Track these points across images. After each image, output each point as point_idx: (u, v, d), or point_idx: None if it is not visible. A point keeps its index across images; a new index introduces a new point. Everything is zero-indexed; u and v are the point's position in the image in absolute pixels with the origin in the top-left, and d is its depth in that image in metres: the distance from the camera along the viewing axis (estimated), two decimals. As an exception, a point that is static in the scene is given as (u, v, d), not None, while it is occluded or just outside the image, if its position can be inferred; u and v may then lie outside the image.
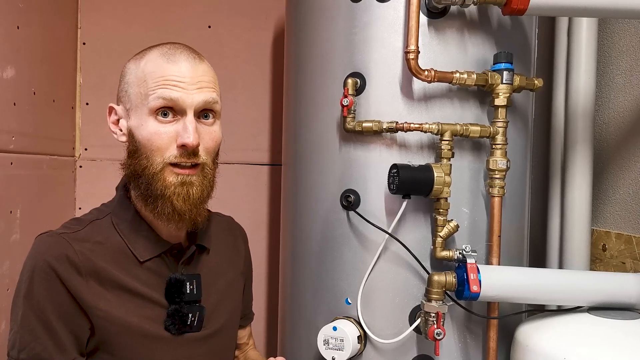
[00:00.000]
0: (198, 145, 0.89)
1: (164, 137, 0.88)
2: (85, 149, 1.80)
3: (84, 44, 1.79)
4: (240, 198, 1.85)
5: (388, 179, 1.07)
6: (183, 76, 0.89)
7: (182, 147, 0.88)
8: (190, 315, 0.95)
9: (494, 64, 1.09)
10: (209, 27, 1.83)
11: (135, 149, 0.90)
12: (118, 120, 0.95)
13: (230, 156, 1.81)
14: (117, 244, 0.93)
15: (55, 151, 1.67)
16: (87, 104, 1.79)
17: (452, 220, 1.07)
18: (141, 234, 0.94)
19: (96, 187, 1.76)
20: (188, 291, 0.95)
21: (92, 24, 1.79)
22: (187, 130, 0.87)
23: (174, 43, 0.94)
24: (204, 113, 0.92)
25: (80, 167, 1.80)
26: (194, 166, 0.90)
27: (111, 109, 0.96)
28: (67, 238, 0.89)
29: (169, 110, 0.89)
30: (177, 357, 0.96)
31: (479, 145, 1.12)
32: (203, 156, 0.91)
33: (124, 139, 0.94)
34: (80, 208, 1.78)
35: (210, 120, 0.93)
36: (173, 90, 0.88)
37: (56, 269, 0.86)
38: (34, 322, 0.86)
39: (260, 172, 1.89)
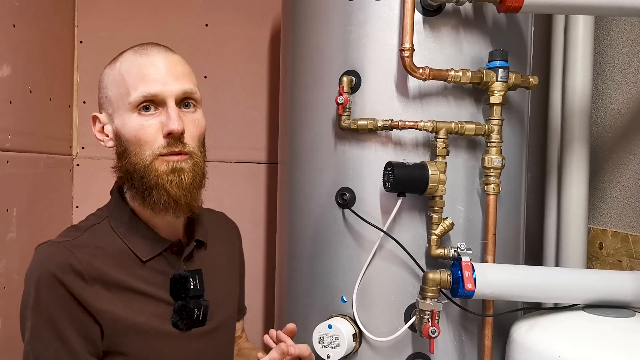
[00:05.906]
0: (183, 132, 0.91)
1: (149, 130, 0.90)
2: (83, 148, 1.80)
3: (80, 42, 1.79)
4: (237, 196, 1.84)
5: (383, 177, 1.07)
6: (159, 68, 0.91)
7: (169, 135, 0.90)
8: (196, 310, 0.97)
9: (489, 62, 1.09)
10: (206, 25, 1.83)
11: (124, 149, 0.92)
12: (103, 128, 0.96)
13: (227, 154, 1.82)
14: (118, 247, 0.94)
15: (52, 150, 1.66)
16: (84, 102, 1.79)
17: (447, 218, 1.07)
18: (140, 234, 0.95)
19: (93, 185, 1.76)
20: (192, 287, 0.96)
21: (89, 23, 1.79)
22: (171, 118, 0.90)
23: (146, 42, 0.96)
24: (184, 102, 0.94)
25: (78, 165, 1.79)
26: (182, 154, 0.92)
27: (95, 118, 0.98)
28: (67, 246, 0.90)
29: (151, 103, 0.91)
30: (187, 352, 0.97)
31: (474, 143, 1.12)
32: (190, 144, 0.93)
33: (111, 143, 0.96)
34: (77, 207, 1.78)
35: (192, 109, 0.95)
36: (152, 83, 0.90)
37: (60, 278, 0.86)
38: (44, 331, 0.87)
39: (257, 170, 1.89)
